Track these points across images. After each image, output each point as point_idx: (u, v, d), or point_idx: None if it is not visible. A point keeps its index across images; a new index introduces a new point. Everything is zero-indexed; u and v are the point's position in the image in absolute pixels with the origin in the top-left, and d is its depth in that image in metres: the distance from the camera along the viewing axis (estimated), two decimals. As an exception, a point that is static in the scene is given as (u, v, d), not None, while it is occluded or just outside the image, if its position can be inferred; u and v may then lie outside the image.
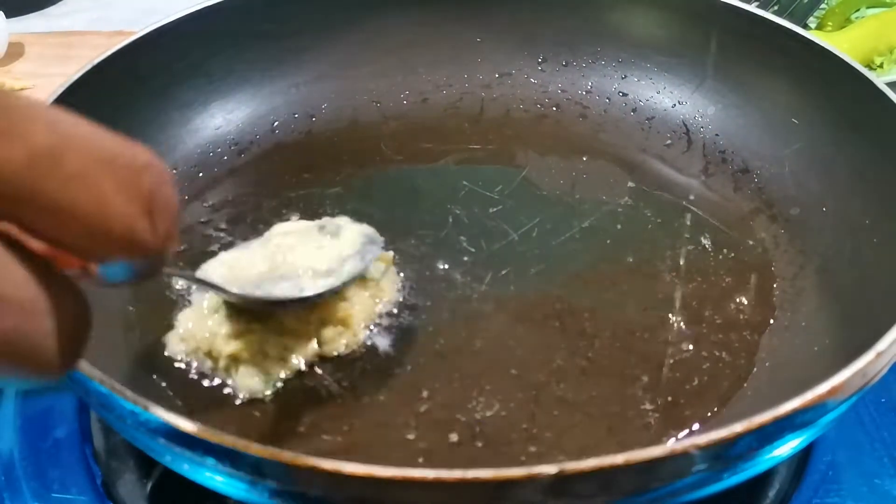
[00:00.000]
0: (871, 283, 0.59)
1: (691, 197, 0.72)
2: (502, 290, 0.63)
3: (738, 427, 0.41)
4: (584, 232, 0.68)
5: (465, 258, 0.65)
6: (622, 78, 0.81)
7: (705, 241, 0.67)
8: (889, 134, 0.62)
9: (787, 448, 0.45)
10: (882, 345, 0.44)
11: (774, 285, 0.64)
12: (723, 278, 0.64)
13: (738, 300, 0.63)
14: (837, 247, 0.64)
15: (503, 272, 0.64)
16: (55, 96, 0.65)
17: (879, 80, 0.64)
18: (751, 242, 0.67)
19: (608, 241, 0.67)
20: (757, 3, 1.10)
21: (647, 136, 0.78)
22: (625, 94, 0.80)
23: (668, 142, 0.77)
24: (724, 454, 0.42)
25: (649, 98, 0.79)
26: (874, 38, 1.00)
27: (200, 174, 0.73)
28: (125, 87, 0.70)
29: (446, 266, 0.65)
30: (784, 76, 0.72)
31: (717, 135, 0.76)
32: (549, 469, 0.39)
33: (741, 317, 0.61)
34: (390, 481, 0.40)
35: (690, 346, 0.59)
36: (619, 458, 0.40)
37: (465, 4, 0.83)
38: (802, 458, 0.60)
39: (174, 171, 0.72)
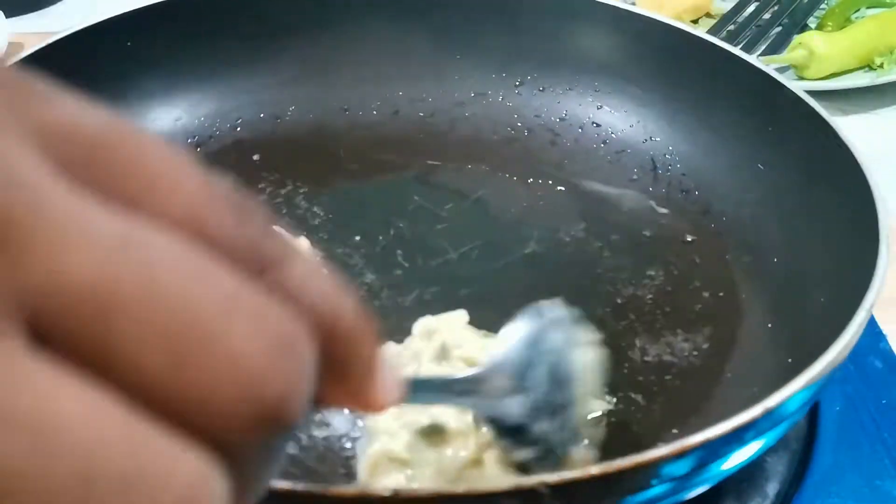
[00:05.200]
0: (811, 339, 0.56)
1: (646, 234, 0.69)
2: (424, 310, 0.60)
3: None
4: (526, 258, 0.66)
5: (397, 272, 0.64)
6: (598, 108, 0.79)
7: (649, 282, 0.64)
8: (848, 186, 0.59)
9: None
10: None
11: (713, 329, 0.61)
12: (664, 323, 0.61)
13: (678, 347, 0.60)
14: (782, 299, 0.61)
15: (431, 290, 0.62)
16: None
17: (845, 130, 0.61)
18: (698, 284, 0.65)
19: (548, 271, 0.65)
20: (757, 4, 1.09)
21: (614, 168, 0.75)
22: (598, 125, 0.78)
23: (634, 177, 0.74)
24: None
25: (622, 130, 0.77)
26: (874, 38, 0.98)
27: (152, 163, 0.72)
28: (84, 67, 0.70)
29: (374, 278, 0.63)
30: (754, 119, 0.69)
31: (683, 174, 0.73)
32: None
33: (687, 363, 0.59)
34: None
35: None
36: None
37: (448, 20, 0.81)
38: (803, 459, 0.58)
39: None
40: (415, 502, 0.37)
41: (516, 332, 0.43)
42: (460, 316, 0.53)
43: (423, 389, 0.39)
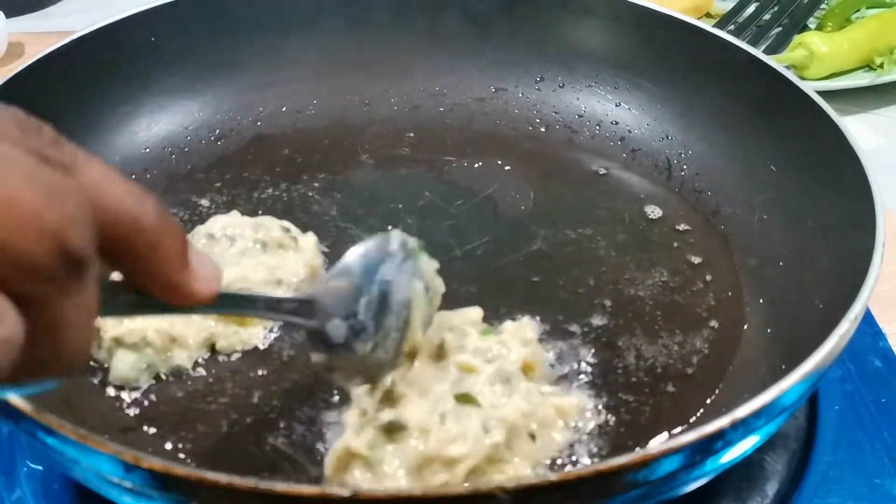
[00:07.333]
0: (806, 343, 0.56)
1: (655, 234, 0.69)
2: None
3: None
4: (530, 257, 0.66)
5: (400, 269, 0.64)
6: (616, 105, 0.79)
7: (652, 283, 0.64)
8: (852, 192, 0.59)
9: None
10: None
11: (713, 334, 0.61)
12: (662, 326, 0.61)
13: (675, 350, 0.60)
14: (784, 304, 0.60)
15: (432, 288, 0.63)
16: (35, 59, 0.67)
17: (852, 132, 0.61)
18: (702, 286, 0.64)
19: (549, 270, 0.65)
20: (757, 4, 1.07)
21: (629, 166, 0.75)
22: (616, 122, 0.78)
23: (649, 175, 0.74)
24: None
25: (639, 128, 0.77)
26: (874, 38, 0.98)
27: (173, 156, 0.74)
28: (108, 62, 0.72)
29: (377, 274, 0.64)
30: (770, 121, 0.69)
31: (697, 174, 0.73)
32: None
33: (682, 367, 0.59)
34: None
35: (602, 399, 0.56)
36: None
37: (470, 16, 0.82)
38: (803, 458, 0.58)
39: (146, 151, 0.73)
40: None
41: (353, 259, 0.46)
42: (474, 312, 0.55)
43: (248, 304, 0.42)
